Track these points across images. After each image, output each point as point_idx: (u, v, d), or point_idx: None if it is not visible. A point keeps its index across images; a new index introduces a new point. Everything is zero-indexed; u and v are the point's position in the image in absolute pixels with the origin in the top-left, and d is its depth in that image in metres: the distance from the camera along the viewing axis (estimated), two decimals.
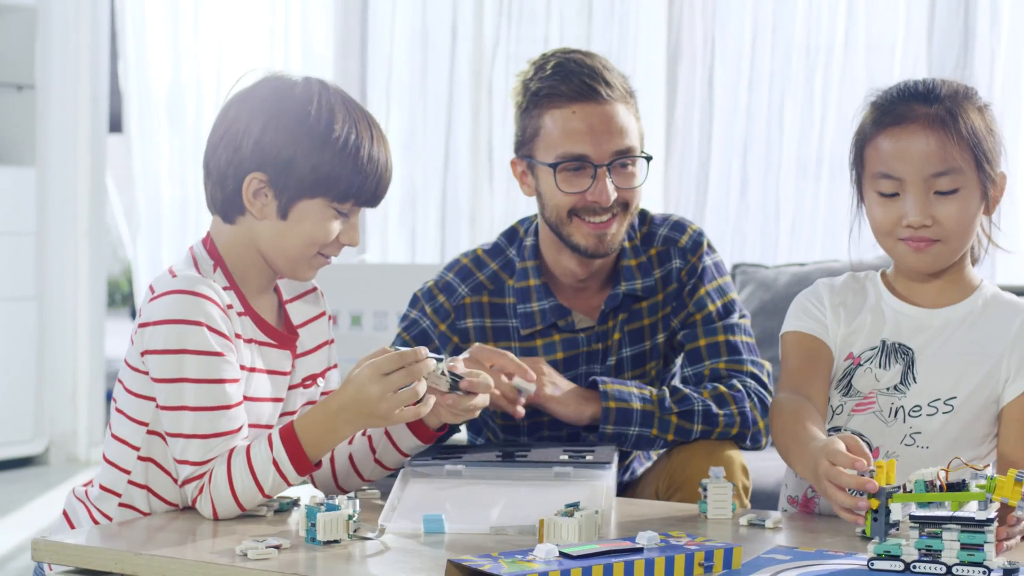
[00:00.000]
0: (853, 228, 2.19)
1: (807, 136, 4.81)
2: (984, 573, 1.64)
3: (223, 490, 2.00)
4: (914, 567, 1.67)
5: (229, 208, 2.10)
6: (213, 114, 2.54)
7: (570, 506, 1.87)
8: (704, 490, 2.07)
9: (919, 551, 1.67)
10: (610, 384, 2.38)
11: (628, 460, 2.60)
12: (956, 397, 2.09)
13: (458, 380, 2.07)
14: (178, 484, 2.05)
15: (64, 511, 2.17)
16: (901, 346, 2.13)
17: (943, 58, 4.55)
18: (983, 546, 1.65)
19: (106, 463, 2.11)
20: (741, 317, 2.54)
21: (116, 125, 6.19)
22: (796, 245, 4.83)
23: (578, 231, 2.43)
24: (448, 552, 1.81)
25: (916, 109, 2.06)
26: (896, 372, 2.12)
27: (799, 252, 4.77)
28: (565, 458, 2.16)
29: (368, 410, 1.98)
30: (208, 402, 2.01)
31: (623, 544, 1.72)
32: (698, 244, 2.55)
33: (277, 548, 1.80)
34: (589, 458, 2.16)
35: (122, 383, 2.09)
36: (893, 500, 1.73)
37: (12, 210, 5.73)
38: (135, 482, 2.08)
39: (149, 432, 2.07)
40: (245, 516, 2.03)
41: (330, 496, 1.90)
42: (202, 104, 5.95)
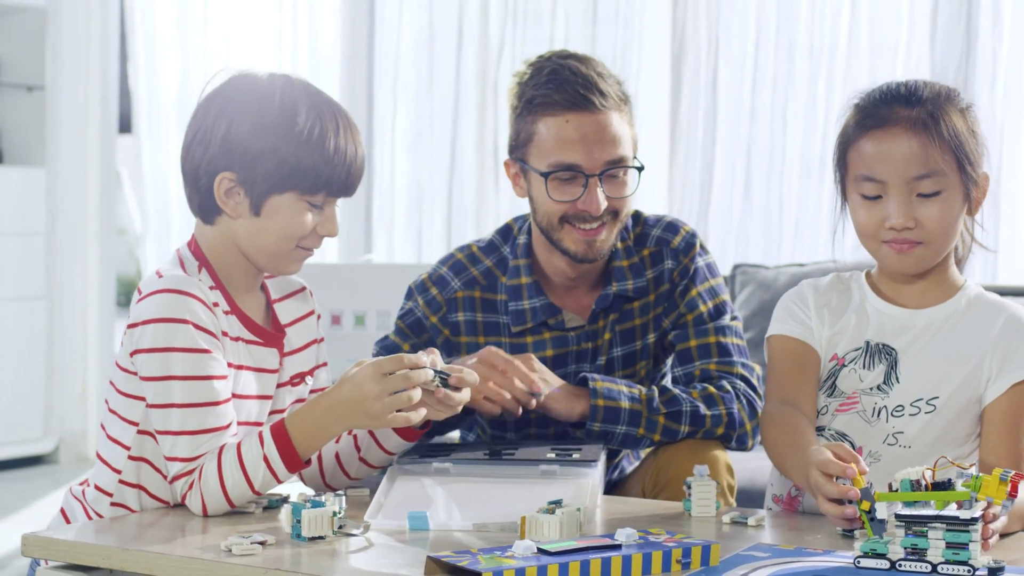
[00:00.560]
0: (837, 230, 2.20)
1: (810, 137, 4.81)
2: (969, 572, 1.65)
3: (213, 486, 2.01)
4: (900, 565, 1.68)
5: (206, 209, 2.12)
6: None
7: (552, 503, 1.88)
8: (688, 488, 2.08)
9: (905, 550, 1.68)
10: (600, 382, 2.39)
11: (617, 459, 2.61)
12: (938, 397, 2.10)
13: (447, 376, 2.08)
14: (167, 481, 2.07)
15: (62, 508, 2.19)
16: (885, 346, 2.13)
17: (945, 59, 4.55)
18: (968, 545, 1.66)
19: (99, 462, 2.14)
20: (732, 319, 2.54)
21: (126, 126, 6.21)
22: (799, 245, 4.83)
23: (568, 237, 2.44)
24: (431, 549, 1.82)
25: (898, 112, 2.07)
26: (879, 372, 2.12)
27: (802, 252, 4.77)
28: (552, 456, 2.17)
29: (362, 408, 1.99)
30: (196, 399, 2.03)
31: (602, 541, 1.73)
32: (691, 245, 2.55)
33: (262, 544, 1.82)
34: (576, 456, 2.17)
35: (113, 384, 2.12)
36: (879, 499, 1.74)
37: (22, 210, 5.76)
38: (126, 481, 2.10)
39: (140, 432, 2.09)
40: (234, 513, 2.04)
41: (317, 493, 1.92)
42: None
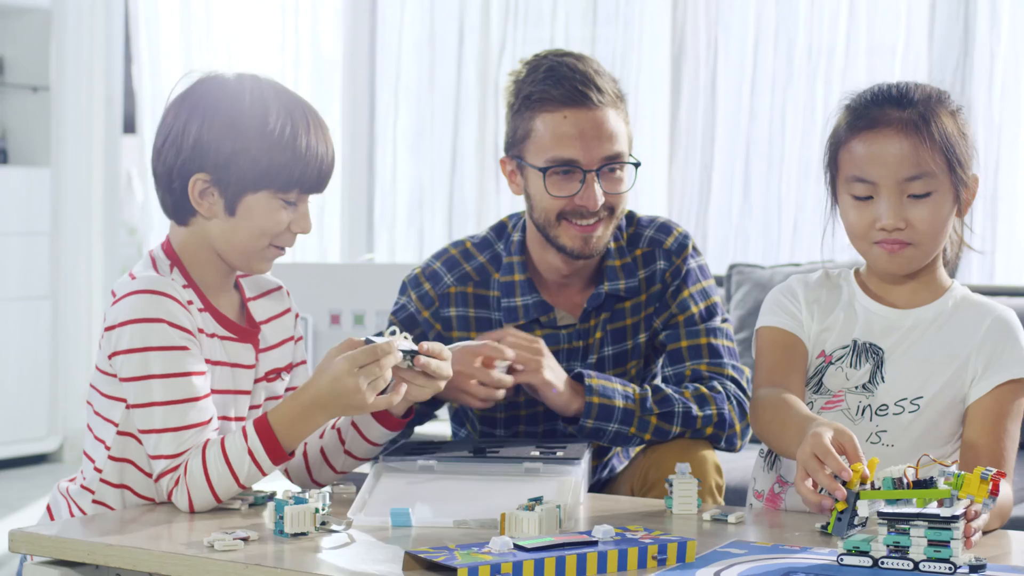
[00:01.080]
0: (826, 231, 2.21)
1: (809, 137, 4.82)
2: (951, 569, 1.67)
3: (199, 481, 2.03)
4: (882, 563, 1.69)
5: (180, 211, 2.14)
6: None
7: (532, 500, 1.89)
8: (670, 486, 2.09)
9: (887, 547, 1.70)
10: (595, 379, 2.39)
11: (607, 457, 2.61)
12: (923, 397, 2.11)
13: (414, 355, 2.10)
14: (153, 479, 2.09)
15: (48, 505, 2.22)
16: (872, 345, 2.14)
17: (943, 60, 4.56)
18: (950, 543, 1.67)
19: (85, 459, 2.16)
20: (723, 321, 2.55)
21: (130, 126, 6.24)
22: (798, 245, 4.84)
23: (565, 233, 2.45)
24: (413, 545, 1.83)
25: (889, 113, 2.08)
26: (866, 371, 2.13)
27: (801, 253, 4.78)
28: (536, 454, 2.18)
29: (344, 401, 2.02)
30: (176, 396, 2.05)
31: (579, 537, 1.74)
32: (683, 246, 2.56)
33: (245, 540, 1.83)
34: (560, 454, 2.18)
35: (94, 387, 2.15)
36: (860, 497, 1.76)
37: (27, 210, 5.79)
38: (107, 481, 2.13)
39: (120, 433, 2.11)
40: (219, 509, 2.06)
41: (302, 490, 1.94)
42: None
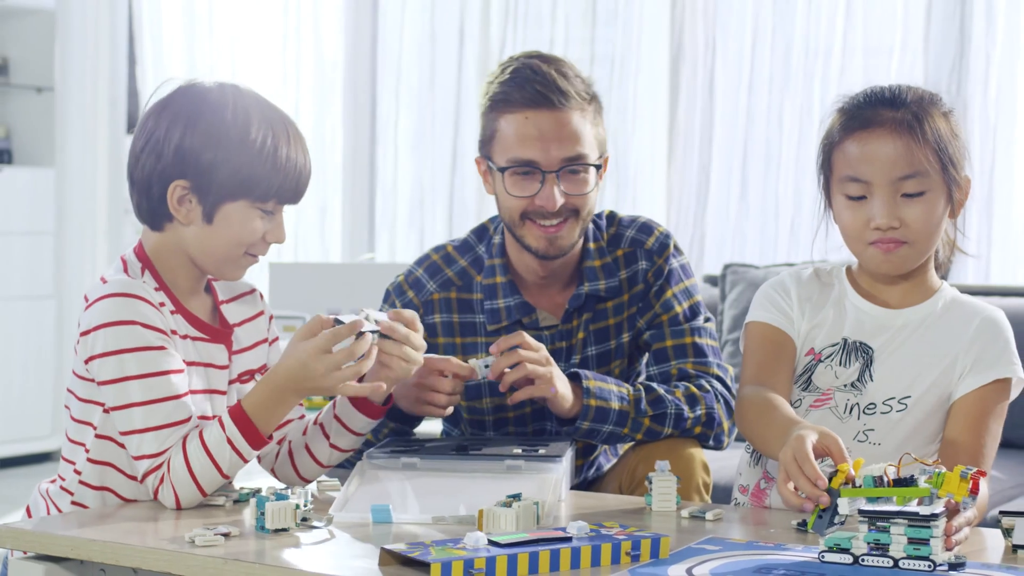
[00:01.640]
0: (819, 233, 2.23)
1: (806, 138, 4.84)
2: (930, 567, 1.68)
3: (182, 475, 2.05)
4: (863, 560, 1.71)
5: (156, 216, 2.15)
6: None
7: (511, 497, 1.92)
8: (650, 483, 2.11)
9: (868, 544, 1.71)
10: (592, 380, 2.40)
11: (594, 455, 2.63)
12: (911, 396, 2.13)
13: (378, 330, 2.12)
14: (139, 480, 2.10)
15: (27, 506, 2.23)
16: (862, 344, 2.16)
17: (940, 61, 4.57)
18: (929, 540, 1.69)
19: (64, 461, 2.18)
20: (706, 320, 2.56)
21: (133, 126, 6.21)
22: (795, 246, 4.85)
23: (530, 233, 2.46)
24: (392, 541, 1.84)
25: (883, 114, 2.10)
26: (855, 370, 2.15)
27: (797, 253, 4.80)
28: (518, 452, 2.20)
29: (313, 384, 2.05)
30: (155, 395, 2.06)
31: (554, 533, 1.76)
32: (665, 246, 2.57)
33: (226, 536, 1.85)
34: (541, 452, 2.20)
35: (71, 391, 2.16)
36: (841, 494, 1.77)
37: (31, 210, 5.82)
38: (87, 483, 2.14)
39: (98, 436, 2.13)
40: (203, 505, 2.08)
41: (286, 487, 1.95)
42: None
